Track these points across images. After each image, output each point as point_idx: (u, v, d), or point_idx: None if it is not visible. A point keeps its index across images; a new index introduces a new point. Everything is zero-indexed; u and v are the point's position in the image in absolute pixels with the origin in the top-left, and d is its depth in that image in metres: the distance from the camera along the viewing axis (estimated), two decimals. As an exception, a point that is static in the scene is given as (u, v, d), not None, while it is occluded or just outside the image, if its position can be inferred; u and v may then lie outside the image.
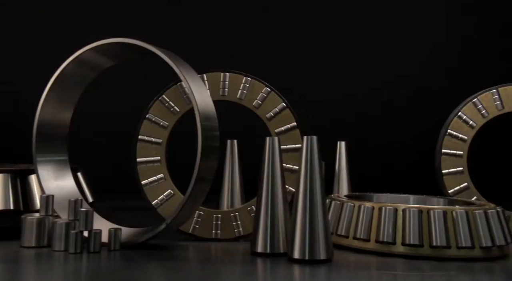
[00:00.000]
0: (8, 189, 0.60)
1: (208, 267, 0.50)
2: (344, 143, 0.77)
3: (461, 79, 1.20)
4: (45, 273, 0.47)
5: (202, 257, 0.55)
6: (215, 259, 0.54)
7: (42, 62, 1.05)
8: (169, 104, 0.62)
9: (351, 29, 1.24)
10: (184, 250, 0.57)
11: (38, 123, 0.60)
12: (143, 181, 0.61)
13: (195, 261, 0.53)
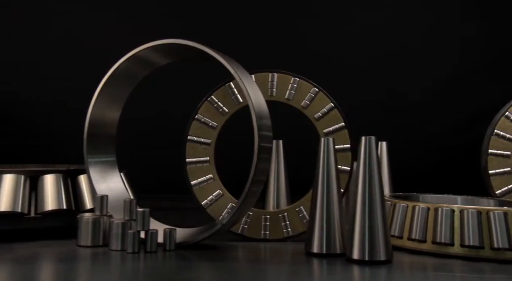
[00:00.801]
0: (61, 189, 0.61)
1: (266, 267, 0.50)
2: (385, 143, 0.77)
3: (503, 75, 1.17)
4: (107, 272, 0.48)
5: (256, 257, 0.55)
6: (270, 259, 0.54)
7: (88, 69, 1.07)
8: (217, 104, 0.63)
9: (384, 28, 1.23)
10: (236, 251, 0.57)
11: (89, 123, 0.61)
12: (192, 182, 0.62)
13: (249, 261, 0.53)
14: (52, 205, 0.60)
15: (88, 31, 1.14)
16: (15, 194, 0.59)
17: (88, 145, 0.61)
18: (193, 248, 0.56)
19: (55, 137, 1.08)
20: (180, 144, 0.64)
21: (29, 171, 0.62)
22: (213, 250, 0.56)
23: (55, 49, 1.12)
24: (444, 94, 1.20)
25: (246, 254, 0.56)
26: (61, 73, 1.11)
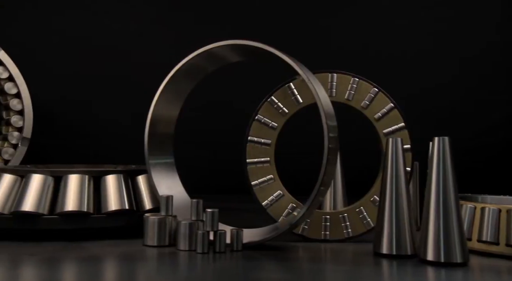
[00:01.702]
0: (122, 189, 0.62)
1: (336, 268, 0.50)
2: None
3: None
4: (182, 272, 0.49)
5: (323, 258, 0.55)
6: (339, 260, 0.54)
7: (139, 70, 1.08)
8: (277, 105, 0.63)
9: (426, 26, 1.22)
10: (300, 251, 0.57)
11: (151, 121, 0.62)
12: (253, 182, 0.62)
13: (318, 262, 0.53)
14: (116, 205, 0.60)
15: (139, 32, 1.16)
16: (81, 194, 0.60)
17: (149, 146, 0.62)
18: (258, 248, 0.56)
19: (112, 137, 1.10)
20: (238, 145, 0.64)
21: (92, 171, 0.63)
22: (279, 251, 0.56)
23: (106, 49, 1.13)
24: (485, 91, 1.19)
25: (312, 254, 0.56)
26: (115, 75, 1.12)
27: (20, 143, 0.89)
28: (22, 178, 0.61)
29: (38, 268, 0.48)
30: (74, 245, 0.57)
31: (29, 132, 0.90)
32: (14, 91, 0.89)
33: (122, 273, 0.48)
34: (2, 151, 0.88)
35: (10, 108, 0.89)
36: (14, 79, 0.89)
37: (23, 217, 0.58)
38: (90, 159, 0.91)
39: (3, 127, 0.93)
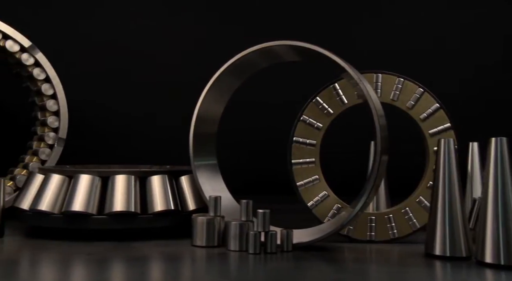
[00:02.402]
0: (167, 190, 0.62)
1: (388, 269, 0.50)
2: (476, 144, 0.75)
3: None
4: (239, 272, 0.49)
5: (373, 258, 0.55)
6: (389, 261, 0.54)
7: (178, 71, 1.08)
8: (322, 106, 0.63)
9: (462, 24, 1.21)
10: (349, 251, 0.57)
11: (196, 120, 0.62)
12: (298, 183, 0.62)
13: (367, 262, 0.53)
14: (161, 206, 0.61)
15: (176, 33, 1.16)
16: (128, 194, 0.60)
17: (194, 146, 0.62)
18: (307, 249, 0.56)
19: (153, 138, 1.11)
20: (279, 146, 0.64)
21: (138, 171, 0.63)
22: (327, 251, 0.56)
23: (139, 50, 1.13)
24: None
25: (362, 255, 0.56)
26: (145, 75, 1.12)
27: (56, 143, 0.90)
28: (70, 178, 0.62)
29: (93, 267, 0.49)
30: (124, 245, 0.57)
31: (65, 133, 0.91)
32: (51, 92, 0.90)
33: (177, 273, 0.48)
34: (39, 151, 0.88)
35: (47, 109, 0.90)
36: (51, 81, 0.90)
37: (73, 217, 0.59)
38: (118, 159, 0.92)
39: (38, 127, 0.94)
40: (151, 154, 1.03)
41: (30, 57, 0.84)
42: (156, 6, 1.15)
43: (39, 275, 0.48)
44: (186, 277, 0.47)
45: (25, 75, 0.87)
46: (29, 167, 0.83)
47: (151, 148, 1.08)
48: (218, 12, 1.17)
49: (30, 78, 0.86)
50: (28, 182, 0.65)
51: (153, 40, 1.14)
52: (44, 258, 0.53)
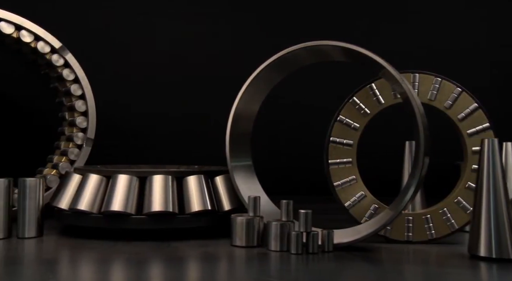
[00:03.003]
0: (204, 190, 0.62)
1: (432, 270, 0.50)
2: (510, 144, 0.75)
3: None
4: (284, 272, 0.49)
5: (415, 259, 0.54)
6: (432, 262, 0.54)
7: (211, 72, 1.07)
8: (359, 106, 0.63)
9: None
10: (387, 252, 0.57)
11: (233, 118, 0.62)
12: (335, 183, 0.62)
13: (409, 263, 0.53)
14: (198, 206, 0.61)
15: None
16: (166, 194, 0.61)
17: (230, 145, 0.63)
18: (346, 249, 0.56)
19: (186, 139, 1.11)
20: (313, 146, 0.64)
21: (175, 171, 0.64)
22: (367, 251, 0.56)
23: (166, 50, 1.14)
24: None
25: (402, 255, 0.56)
26: (174, 76, 1.13)
27: (84, 143, 0.91)
28: (107, 178, 0.63)
29: (135, 267, 0.49)
30: (164, 245, 0.58)
31: (93, 133, 0.92)
32: (79, 92, 0.90)
33: (222, 273, 0.48)
34: (68, 151, 0.89)
35: (75, 109, 0.91)
36: (80, 81, 0.90)
37: (112, 217, 0.59)
38: (145, 160, 0.92)
39: (66, 128, 0.95)
40: (177, 154, 1.04)
41: (60, 58, 0.84)
42: (181, 6, 1.15)
43: (79, 274, 0.48)
44: (232, 277, 0.47)
45: (54, 76, 0.87)
46: (59, 167, 0.84)
47: (176, 148, 1.08)
48: (242, 12, 1.17)
49: (59, 78, 0.87)
50: (65, 182, 0.65)
51: (180, 39, 1.14)
52: (84, 257, 0.54)
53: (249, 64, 0.64)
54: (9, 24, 0.79)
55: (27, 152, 1.08)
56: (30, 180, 0.63)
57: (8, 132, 1.10)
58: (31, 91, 1.11)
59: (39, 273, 0.47)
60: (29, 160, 0.97)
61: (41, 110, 1.13)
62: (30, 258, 0.55)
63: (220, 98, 1.17)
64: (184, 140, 1.11)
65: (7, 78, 1.13)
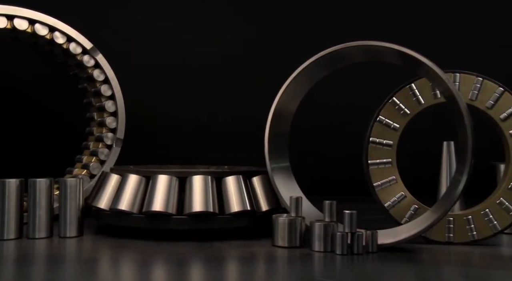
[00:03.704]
0: (243, 191, 0.63)
1: (475, 272, 0.49)
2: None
3: None
4: (332, 273, 0.49)
5: (458, 260, 0.54)
6: (473, 263, 0.53)
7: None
8: (399, 106, 0.62)
9: None
10: (429, 253, 0.56)
11: (273, 116, 0.62)
12: (374, 183, 0.62)
13: (451, 264, 0.53)
14: (238, 206, 0.61)
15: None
16: (206, 194, 0.61)
17: (269, 144, 0.63)
18: (389, 250, 0.56)
19: (214, 139, 1.12)
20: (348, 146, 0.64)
21: (214, 172, 0.64)
22: (410, 252, 0.56)
23: (197, 50, 1.14)
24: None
25: (445, 256, 0.55)
26: (207, 76, 1.13)
27: (114, 144, 0.91)
28: (146, 178, 0.63)
29: (186, 267, 0.49)
30: (207, 245, 0.58)
31: (122, 133, 0.92)
32: (109, 93, 0.91)
33: (273, 273, 0.49)
34: (98, 151, 0.90)
35: (105, 110, 0.91)
36: (110, 82, 0.91)
37: (153, 217, 0.60)
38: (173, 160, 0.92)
39: (94, 128, 0.95)
40: (204, 154, 1.05)
41: (91, 59, 0.85)
42: (213, 6, 1.15)
43: (126, 274, 0.49)
44: (283, 277, 0.47)
45: (83, 76, 0.88)
46: (89, 167, 0.84)
47: (202, 149, 1.08)
48: (267, 12, 1.17)
49: (88, 79, 0.87)
50: (103, 182, 0.65)
51: (211, 40, 1.14)
52: (128, 257, 0.54)
53: (276, 64, 0.64)
54: (44, 25, 0.80)
55: (51, 152, 1.09)
56: (70, 180, 0.63)
57: (31, 133, 1.11)
58: (54, 92, 1.12)
59: (87, 271, 0.48)
60: (53, 160, 0.97)
61: (64, 111, 1.14)
62: (75, 257, 0.55)
63: (249, 99, 1.16)
64: (212, 140, 1.11)
65: (31, 79, 1.15)
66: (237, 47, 1.14)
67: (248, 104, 1.12)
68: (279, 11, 1.17)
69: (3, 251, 0.56)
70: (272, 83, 0.67)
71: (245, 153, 1.06)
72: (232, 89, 1.12)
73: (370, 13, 1.16)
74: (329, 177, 1.09)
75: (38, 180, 0.63)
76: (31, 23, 0.78)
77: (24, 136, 1.09)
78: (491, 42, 1.13)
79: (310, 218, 0.59)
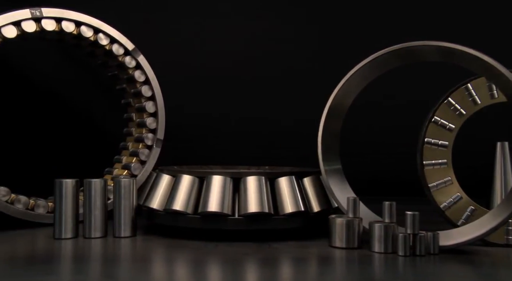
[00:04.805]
0: (296, 192, 0.62)
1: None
2: None
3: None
4: (393, 275, 0.48)
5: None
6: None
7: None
8: (455, 107, 0.62)
9: None
10: (488, 255, 0.56)
11: (327, 115, 0.62)
12: (430, 184, 0.62)
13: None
14: (292, 207, 0.61)
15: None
16: (261, 195, 0.61)
17: (322, 147, 0.62)
18: (449, 251, 0.55)
19: (251, 140, 1.12)
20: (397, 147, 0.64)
21: (268, 173, 0.64)
22: (470, 254, 0.55)
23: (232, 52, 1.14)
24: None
25: (507, 259, 0.55)
26: (242, 77, 1.13)
27: (154, 144, 0.92)
28: (200, 179, 0.63)
29: (251, 266, 0.50)
30: (265, 245, 0.58)
31: (162, 134, 0.93)
32: (149, 94, 0.91)
33: (339, 274, 0.49)
34: (139, 152, 0.90)
35: (145, 110, 0.92)
36: (150, 82, 0.91)
37: (209, 217, 0.60)
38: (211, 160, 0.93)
39: (133, 128, 0.96)
40: (241, 155, 1.05)
41: (132, 60, 0.85)
42: (251, 6, 1.15)
43: (175, 274, 0.49)
44: (349, 278, 0.47)
45: (123, 77, 0.88)
46: (131, 168, 0.85)
47: (237, 149, 1.09)
48: (304, 8, 1.17)
49: (129, 80, 0.88)
50: (155, 183, 0.66)
51: (249, 40, 1.14)
52: (180, 257, 0.54)
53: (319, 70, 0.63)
54: (89, 27, 0.80)
55: (85, 153, 1.10)
56: (124, 180, 0.64)
57: (64, 134, 1.12)
58: (84, 93, 1.13)
59: (151, 271, 0.48)
60: (88, 161, 0.98)
61: (96, 112, 1.15)
62: (135, 257, 0.56)
63: (287, 101, 1.16)
64: (249, 141, 1.11)
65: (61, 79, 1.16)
66: (271, 47, 1.14)
67: (286, 106, 1.12)
68: (316, 10, 1.16)
69: (61, 249, 0.57)
70: (298, 84, 0.66)
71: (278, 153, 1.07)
72: (271, 90, 1.12)
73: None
74: (379, 178, 1.07)
75: (93, 180, 0.64)
76: (77, 25, 0.79)
77: (55, 138, 1.10)
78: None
79: (364, 219, 0.59)
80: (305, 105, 0.99)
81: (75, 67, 1.12)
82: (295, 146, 1.07)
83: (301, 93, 1.12)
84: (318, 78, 1.08)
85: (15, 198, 0.72)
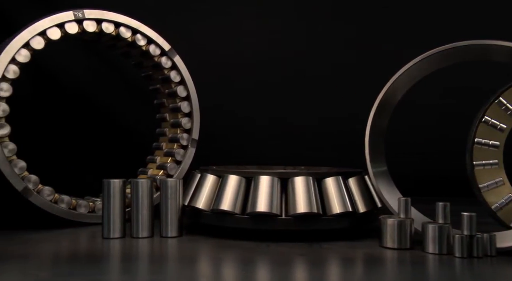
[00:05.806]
0: (343, 192, 0.62)
1: None
2: None
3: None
4: (450, 276, 0.48)
5: None
6: None
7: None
8: (506, 107, 0.61)
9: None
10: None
11: (376, 111, 0.61)
12: (480, 185, 0.61)
13: None
14: (340, 208, 0.61)
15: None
16: (309, 195, 0.60)
17: (370, 146, 0.62)
18: (506, 253, 0.54)
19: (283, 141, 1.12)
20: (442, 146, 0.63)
21: (315, 173, 0.64)
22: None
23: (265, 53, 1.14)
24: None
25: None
26: (270, 79, 1.13)
27: (190, 144, 0.92)
28: (246, 179, 0.62)
29: (303, 266, 0.49)
30: (316, 245, 0.58)
31: (197, 134, 0.93)
32: (184, 94, 0.91)
33: (394, 275, 0.48)
34: (174, 152, 0.90)
35: (180, 110, 0.92)
36: (186, 83, 0.91)
37: (258, 218, 0.60)
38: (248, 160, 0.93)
39: (167, 129, 0.96)
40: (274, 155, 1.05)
41: (168, 60, 0.86)
42: (284, 10, 1.15)
43: (223, 274, 0.49)
44: (402, 278, 0.47)
45: (158, 77, 0.88)
46: (167, 168, 0.85)
47: (268, 149, 1.09)
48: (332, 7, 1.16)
49: (164, 80, 0.88)
50: (200, 183, 0.66)
51: (280, 40, 1.14)
52: (229, 257, 0.54)
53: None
54: (127, 28, 0.81)
55: (112, 153, 1.10)
56: (171, 181, 0.64)
57: (94, 134, 1.12)
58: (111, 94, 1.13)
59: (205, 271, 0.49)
60: (115, 161, 0.99)
61: (125, 113, 1.16)
62: (187, 257, 0.55)
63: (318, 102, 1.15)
64: (281, 142, 1.11)
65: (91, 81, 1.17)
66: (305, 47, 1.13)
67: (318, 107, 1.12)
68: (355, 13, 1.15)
69: (109, 249, 0.57)
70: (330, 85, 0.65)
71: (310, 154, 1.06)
72: (303, 91, 1.11)
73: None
74: (425, 178, 1.05)
75: (140, 180, 0.64)
76: (116, 26, 0.80)
77: (84, 138, 1.11)
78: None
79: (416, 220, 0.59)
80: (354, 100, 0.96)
81: (104, 67, 1.12)
82: (332, 146, 1.07)
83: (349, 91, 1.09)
84: (339, 80, 1.08)
85: (58, 197, 0.73)
